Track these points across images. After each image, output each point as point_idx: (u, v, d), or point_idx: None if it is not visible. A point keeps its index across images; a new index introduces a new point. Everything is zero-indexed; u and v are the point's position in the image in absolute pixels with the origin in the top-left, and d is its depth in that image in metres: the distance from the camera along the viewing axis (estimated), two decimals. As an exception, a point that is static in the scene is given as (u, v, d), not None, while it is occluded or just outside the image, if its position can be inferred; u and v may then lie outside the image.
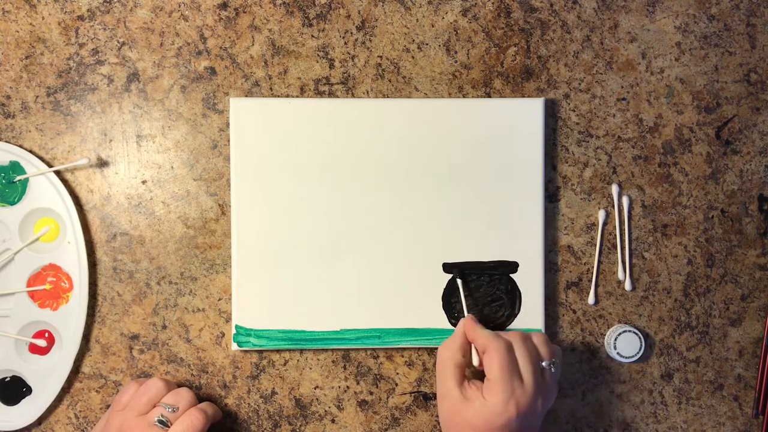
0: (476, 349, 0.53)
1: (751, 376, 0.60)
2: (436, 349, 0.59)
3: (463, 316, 0.56)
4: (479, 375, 0.52)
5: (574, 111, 0.59)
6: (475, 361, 0.52)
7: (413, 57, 0.59)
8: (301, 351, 0.59)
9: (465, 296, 0.57)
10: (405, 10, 0.58)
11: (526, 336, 0.52)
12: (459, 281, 0.57)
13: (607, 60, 0.59)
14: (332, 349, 0.59)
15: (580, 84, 0.59)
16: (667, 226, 0.59)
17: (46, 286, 0.57)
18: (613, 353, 0.58)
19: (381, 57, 0.58)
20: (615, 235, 0.59)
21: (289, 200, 0.57)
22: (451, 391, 0.51)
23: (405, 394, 0.59)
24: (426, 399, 0.59)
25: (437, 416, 0.59)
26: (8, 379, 0.57)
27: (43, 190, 0.57)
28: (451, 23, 0.59)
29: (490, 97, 0.59)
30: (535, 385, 0.50)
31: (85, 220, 0.58)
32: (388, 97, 0.58)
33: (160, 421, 0.52)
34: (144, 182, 0.58)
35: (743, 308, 0.60)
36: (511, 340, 0.51)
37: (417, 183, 0.57)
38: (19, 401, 0.57)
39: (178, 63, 0.58)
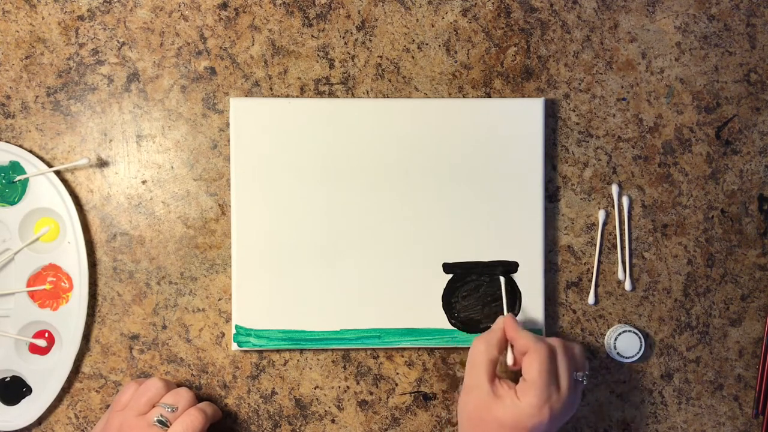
0: (512, 349, 0.52)
1: (751, 376, 0.60)
2: (436, 349, 0.59)
3: (503, 314, 0.56)
4: (509, 374, 0.52)
5: (574, 111, 0.59)
6: (509, 361, 0.52)
7: (413, 57, 0.59)
8: (301, 351, 0.59)
9: (506, 295, 0.56)
10: (405, 10, 0.58)
11: (567, 344, 0.52)
12: (502, 279, 0.57)
13: (607, 60, 0.59)
14: (332, 349, 0.59)
15: (580, 84, 0.59)
16: (667, 226, 0.59)
17: (46, 286, 0.57)
18: (613, 353, 0.58)
19: (381, 57, 0.58)
20: (615, 235, 0.59)
21: (289, 200, 0.57)
22: (481, 385, 0.51)
23: (405, 394, 0.59)
24: (426, 399, 0.59)
25: (437, 416, 0.59)
26: (8, 379, 0.57)
27: (43, 190, 0.57)
28: (451, 23, 0.59)
29: (490, 97, 0.59)
30: (570, 394, 0.50)
31: (85, 220, 0.58)
32: (388, 97, 0.58)
33: (160, 421, 0.52)
34: (144, 182, 0.58)
35: (743, 308, 0.60)
36: (554, 345, 0.51)
37: (417, 183, 0.57)
38: (19, 401, 0.57)
39: (178, 63, 0.58)
